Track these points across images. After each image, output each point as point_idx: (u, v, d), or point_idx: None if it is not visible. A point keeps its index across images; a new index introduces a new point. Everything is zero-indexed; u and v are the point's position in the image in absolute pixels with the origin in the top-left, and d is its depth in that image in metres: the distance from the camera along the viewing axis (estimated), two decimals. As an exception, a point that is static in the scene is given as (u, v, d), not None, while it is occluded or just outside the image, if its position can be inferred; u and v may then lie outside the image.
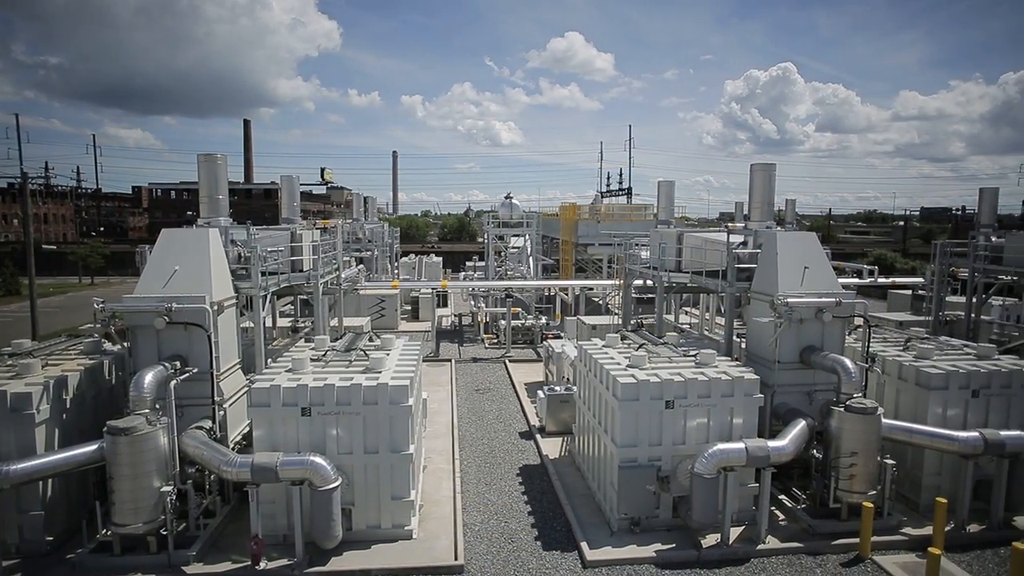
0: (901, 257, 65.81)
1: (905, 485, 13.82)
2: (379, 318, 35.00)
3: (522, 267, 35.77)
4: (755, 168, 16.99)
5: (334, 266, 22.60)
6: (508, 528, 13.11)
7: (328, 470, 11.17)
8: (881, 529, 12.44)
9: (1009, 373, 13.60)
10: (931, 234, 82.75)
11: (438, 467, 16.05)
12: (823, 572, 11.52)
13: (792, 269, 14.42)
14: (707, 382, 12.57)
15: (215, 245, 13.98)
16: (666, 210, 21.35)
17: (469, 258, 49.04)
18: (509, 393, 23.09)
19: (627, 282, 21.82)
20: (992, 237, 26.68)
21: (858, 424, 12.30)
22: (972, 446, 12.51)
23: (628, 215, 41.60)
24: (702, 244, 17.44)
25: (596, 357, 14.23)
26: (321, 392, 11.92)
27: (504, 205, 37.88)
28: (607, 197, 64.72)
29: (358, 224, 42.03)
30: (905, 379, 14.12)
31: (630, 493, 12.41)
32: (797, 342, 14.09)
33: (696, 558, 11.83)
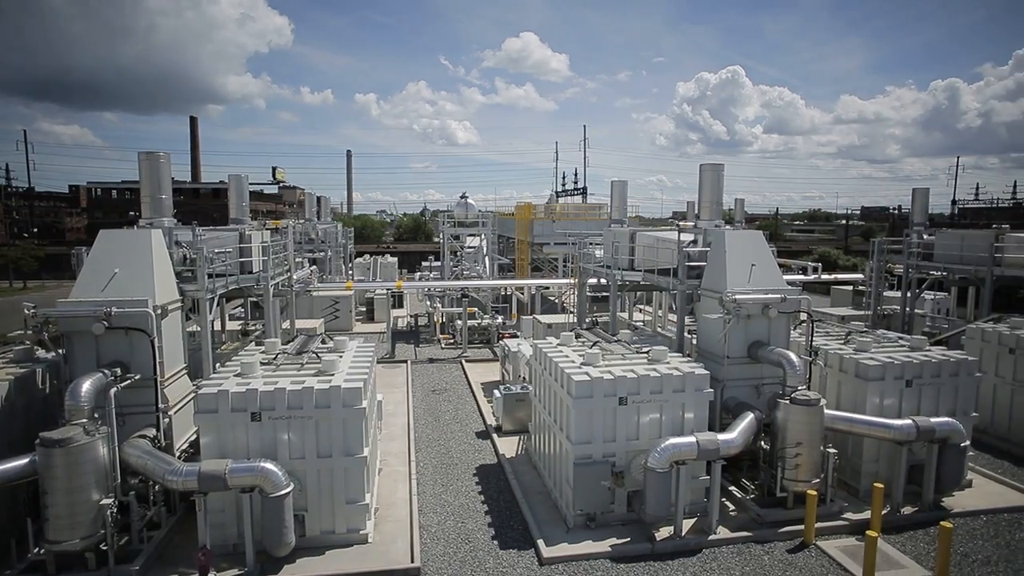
0: (843, 254, 68.51)
1: (846, 472, 14.41)
2: (333, 320, 34.35)
3: (478, 267, 35.73)
4: (704, 168, 17.43)
5: (285, 267, 22.11)
6: (465, 528, 13.09)
7: (279, 476, 10.92)
8: (824, 515, 12.94)
9: (939, 363, 14.34)
10: (871, 232, 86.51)
11: (394, 469, 15.89)
12: (770, 559, 11.90)
13: (740, 267, 14.85)
14: (659, 378, 12.82)
15: (158, 246, 13.48)
16: (619, 209, 21.68)
17: (425, 258, 48.63)
18: (466, 393, 23.04)
19: (582, 281, 22.07)
20: (924, 235, 28.10)
21: (802, 415, 12.76)
22: (906, 433, 13.15)
23: (583, 214, 42.08)
24: (654, 243, 17.78)
25: (551, 355, 14.34)
26: (271, 396, 11.63)
27: (460, 205, 37.76)
28: (562, 196, 65.29)
29: (310, 224, 41.14)
30: (846, 371, 14.72)
31: (585, 489, 12.56)
32: (745, 337, 14.52)
33: (650, 551, 12.06)
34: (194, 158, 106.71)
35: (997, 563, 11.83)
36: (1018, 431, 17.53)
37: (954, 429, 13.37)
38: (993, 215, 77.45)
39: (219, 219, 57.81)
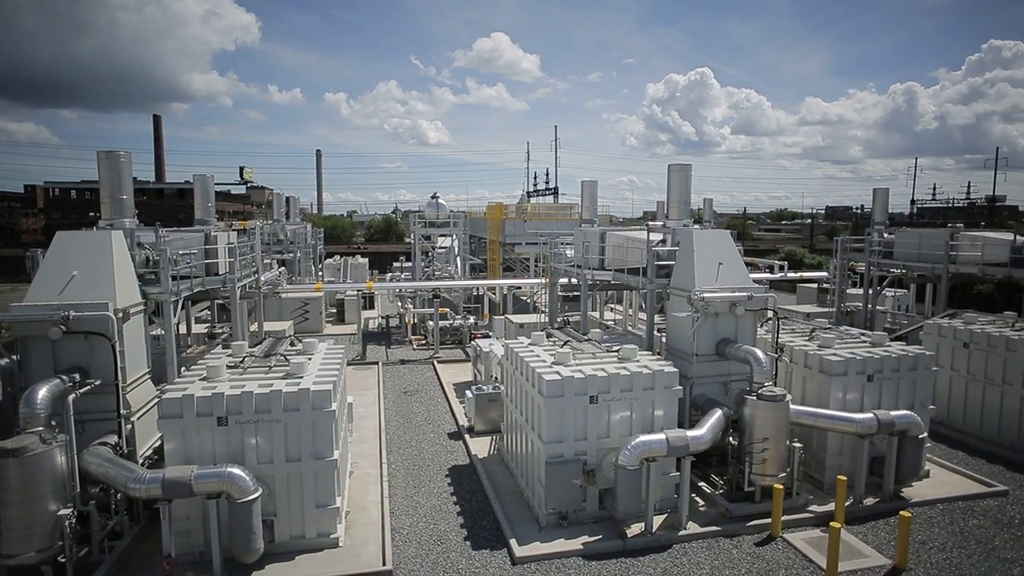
0: (809, 253, 70.01)
1: (811, 466, 14.74)
2: (303, 322, 33.94)
3: (450, 267, 35.61)
4: (672, 169, 17.66)
5: (253, 269, 21.74)
6: (437, 530, 13.04)
7: (247, 481, 10.72)
8: (791, 508, 13.23)
9: (898, 358, 14.78)
10: (835, 231, 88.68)
11: (365, 472, 15.74)
12: (739, 553, 12.11)
13: (708, 266, 15.08)
14: (629, 376, 12.95)
15: (119, 248, 13.13)
16: (590, 209, 21.83)
17: (396, 259, 48.27)
18: (437, 394, 22.95)
19: (553, 280, 22.16)
20: (884, 234, 28.93)
21: (769, 411, 13.01)
22: (867, 426, 13.52)
23: (554, 214, 42.26)
24: (624, 242, 17.95)
25: (522, 355, 14.37)
26: (238, 400, 11.42)
27: (430, 205, 37.57)
28: (534, 196, 65.49)
29: (279, 225, 40.58)
30: (810, 367, 15.06)
31: (557, 488, 12.61)
32: (713, 335, 14.75)
33: (622, 547, 12.17)
34: (158, 157, 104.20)
35: (952, 549, 12.25)
36: (972, 422, 18.17)
37: (912, 422, 13.79)
38: (949, 214, 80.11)
39: (184, 220, 56.46)
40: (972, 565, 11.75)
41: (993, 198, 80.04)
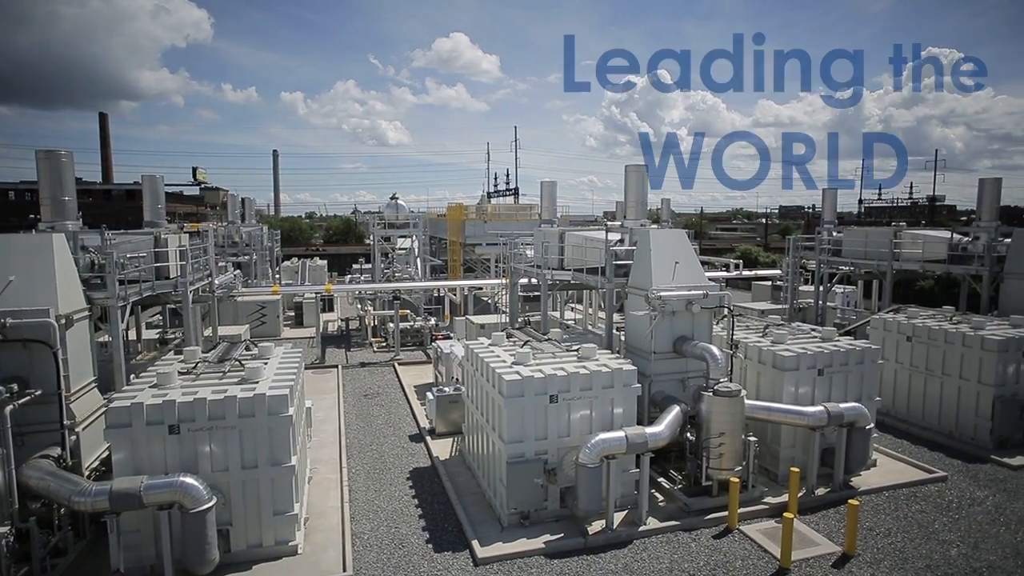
0: (763, 252, 71.97)
1: (766, 459, 15.15)
2: (259, 326, 33.18)
3: (410, 268, 35.33)
4: (629, 169, 17.91)
5: (206, 272, 21.18)
6: (399, 534, 12.92)
7: (200, 490, 10.42)
8: (747, 501, 13.56)
9: (846, 352, 15.32)
10: (788, 230, 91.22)
11: (325, 477, 15.49)
12: (697, 546, 12.37)
13: (664, 265, 15.34)
14: (588, 375, 13.07)
15: (60, 251, 12.61)
16: (549, 210, 21.96)
17: (356, 260, 47.63)
18: (398, 396, 22.75)
19: (513, 281, 22.22)
20: (833, 233, 29.98)
21: (725, 406, 13.32)
22: (818, 419, 13.98)
23: (514, 215, 42.38)
24: (582, 242, 18.12)
25: (482, 356, 14.36)
26: (191, 407, 11.09)
27: (390, 206, 37.18)
28: (495, 197, 65.53)
29: (234, 227, 39.58)
30: (764, 362, 15.48)
31: (519, 488, 12.64)
32: (670, 333, 15.00)
33: (583, 545, 12.28)
34: (105, 157, 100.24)
35: (896, 534, 12.78)
36: (915, 412, 18.98)
37: (860, 413, 14.32)
38: (894, 213, 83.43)
39: (134, 222, 54.39)
40: (914, 548, 12.29)
41: (933, 198, 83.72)
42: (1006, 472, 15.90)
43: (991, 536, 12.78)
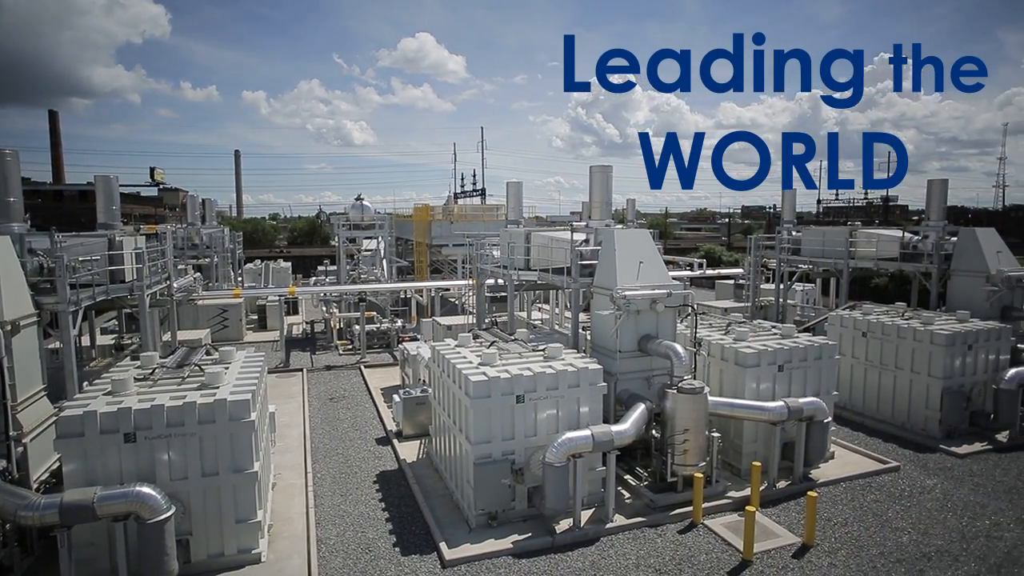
0: (726, 251, 73.36)
1: (729, 454, 15.46)
2: (221, 330, 32.44)
3: (376, 270, 34.97)
4: (594, 170, 18.06)
5: (164, 275, 20.62)
6: (365, 538, 12.78)
7: (158, 499, 10.12)
8: (711, 495, 13.83)
9: (805, 348, 15.74)
10: (750, 230, 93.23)
11: (289, 483, 15.23)
12: (663, 541, 12.55)
13: (629, 264, 15.50)
14: (555, 375, 13.14)
15: (5, 254, 12.13)
16: (515, 210, 22.01)
17: (321, 262, 46.95)
18: (365, 399, 22.50)
19: (480, 281, 22.20)
20: (792, 232, 30.76)
21: (689, 403, 13.55)
22: (779, 414, 14.33)
23: (481, 215, 42.34)
24: (548, 242, 18.21)
25: (448, 357, 14.32)
26: (148, 414, 10.78)
27: (355, 207, 36.73)
28: (462, 198, 65.32)
29: (194, 228, 38.60)
30: (726, 359, 15.79)
31: (486, 488, 12.64)
32: (635, 332, 15.17)
33: (551, 544, 12.33)
34: (55, 156, 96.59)
35: (852, 524, 13.20)
36: (871, 405, 19.61)
37: (819, 407, 14.73)
38: (850, 213, 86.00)
39: (87, 224, 52.51)
40: (869, 536, 12.71)
41: (887, 199, 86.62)
42: (953, 460, 16.56)
43: (939, 522, 13.31)
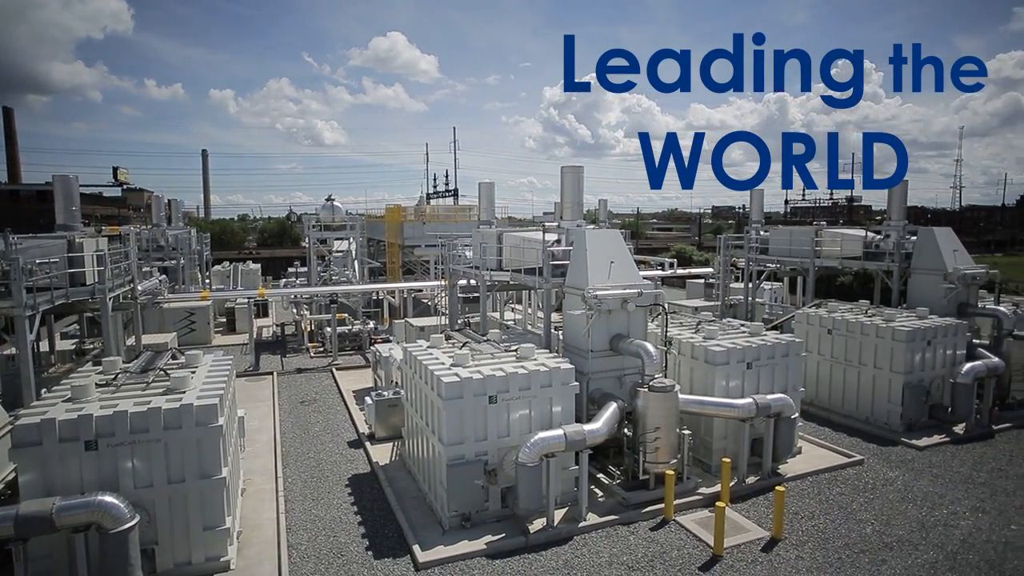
0: (697, 251, 74.41)
1: (700, 450, 15.68)
2: (188, 333, 31.78)
3: (348, 271, 34.61)
4: (565, 170, 18.13)
5: (127, 277, 20.10)
6: (337, 542, 12.64)
7: (121, 508, 9.86)
8: (682, 492, 14.00)
9: (772, 346, 16.05)
10: (720, 229, 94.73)
11: (259, 488, 14.98)
12: (635, 539, 12.67)
13: (600, 264, 15.61)
14: (527, 375, 13.16)
15: (-42, 258, 11.68)
16: (487, 211, 21.99)
17: (291, 263, 46.27)
18: (336, 402, 22.25)
19: (452, 282, 22.13)
20: (760, 231, 31.32)
21: (660, 402, 13.69)
22: (748, 411, 14.58)
23: (453, 216, 42.22)
24: (520, 243, 18.23)
25: (420, 358, 14.24)
26: (110, 421, 10.50)
27: (325, 208, 36.28)
28: (434, 198, 65.09)
29: (159, 230, 37.70)
30: (696, 358, 16.01)
31: (459, 490, 12.61)
32: (607, 331, 15.28)
33: (524, 544, 12.35)
34: (11, 155, 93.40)
35: (819, 517, 13.51)
36: (836, 401, 20.08)
37: (786, 404, 15.03)
38: (816, 213, 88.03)
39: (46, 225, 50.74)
40: (835, 529, 13.02)
41: (851, 199, 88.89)
42: (914, 453, 17.06)
43: (900, 513, 13.70)
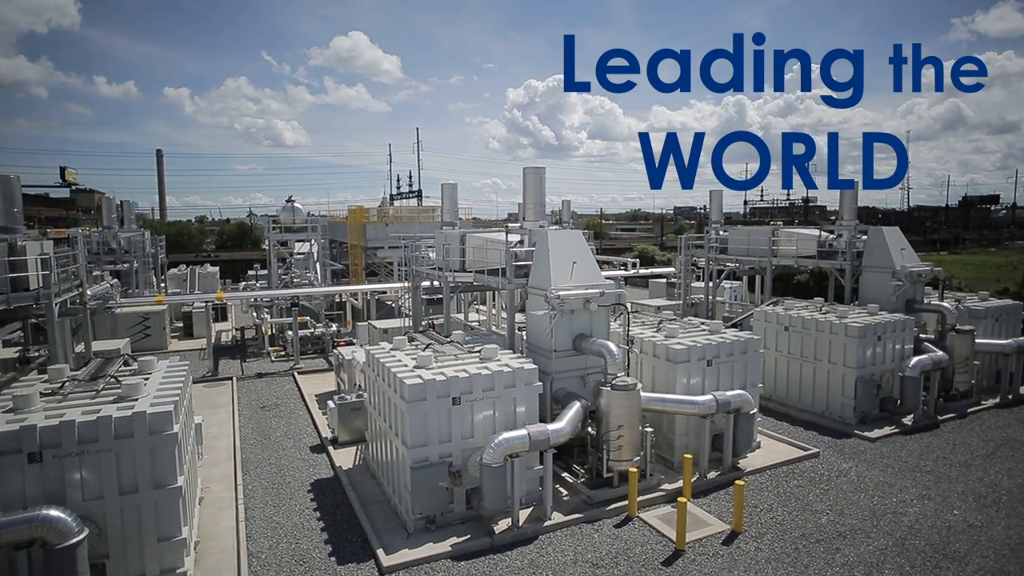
0: (659, 250, 75.48)
1: (662, 447, 15.91)
2: (143, 339, 30.82)
3: (309, 273, 34.04)
4: (527, 171, 18.19)
5: (76, 282, 19.34)
6: (300, 549, 12.41)
7: (68, 522, 9.48)
8: (645, 489, 14.19)
9: (732, 343, 16.40)
10: (682, 229, 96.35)
11: (218, 496, 14.62)
12: (599, 536, 12.78)
13: (563, 264, 15.71)
14: (491, 375, 13.16)
15: None
16: (450, 212, 21.89)
17: (251, 266, 45.25)
18: (299, 407, 21.85)
19: (415, 283, 21.97)
20: (720, 231, 31.98)
21: (622, 400, 13.84)
22: (708, 407, 14.87)
23: (417, 217, 41.95)
24: (483, 244, 18.21)
25: (383, 361, 14.10)
26: (56, 431, 10.08)
27: (285, 209, 35.58)
28: (397, 200, 64.53)
29: (110, 232, 36.45)
30: (658, 356, 16.25)
31: (424, 492, 12.53)
32: (570, 331, 15.38)
33: (490, 545, 12.34)
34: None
35: (777, 509, 13.87)
36: (793, 396, 20.65)
37: (745, 400, 15.38)
38: (774, 214, 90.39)
39: (-11, 228, 48.40)
40: (792, 520, 13.38)
41: (807, 200, 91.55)
42: (866, 444, 17.67)
43: (854, 502, 14.17)
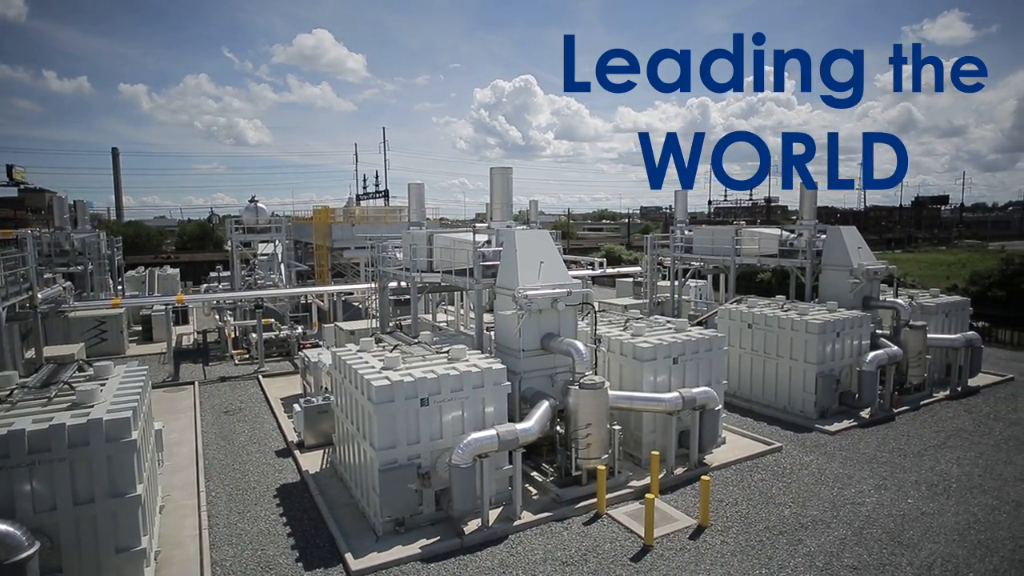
0: (626, 250, 76.28)
1: (630, 445, 16.08)
2: (99, 343, 29.84)
3: (274, 275, 33.42)
4: (494, 172, 18.17)
5: (25, 285, 18.64)
6: (265, 556, 12.18)
7: (17, 536, 9.11)
8: (614, 486, 14.34)
9: (697, 341, 16.67)
10: (648, 229, 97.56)
11: (180, 504, 14.24)
12: (569, 534, 12.86)
13: (530, 264, 15.73)
14: (459, 376, 13.12)
15: None
16: (417, 212, 21.75)
17: (214, 268, 44.17)
18: (264, 411, 21.44)
19: (382, 284, 21.77)
20: (685, 231, 32.49)
21: (590, 399, 13.95)
22: (674, 404, 15.09)
23: (383, 217, 41.56)
24: (451, 244, 18.14)
25: (350, 363, 13.93)
26: (4, 441, 9.68)
27: (248, 209, 34.85)
28: (364, 200, 63.82)
29: (62, 233, 35.14)
30: (625, 354, 16.42)
31: (392, 495, 12.42)
32: (538, 330, 15.40)
33: (460, 545, 12.31)
34: None
35: (742, 503, 14.16)
36: (757, 392, 21.11)
37: (710, 396, 15.65)
38: (738, 213, 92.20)
39: (-68, 230, 45.94)
40: (756, 513, 13.69)
41: (769, 199, 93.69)
42: (826, 438, 18.18)
43: (815, 494, 14.56)
